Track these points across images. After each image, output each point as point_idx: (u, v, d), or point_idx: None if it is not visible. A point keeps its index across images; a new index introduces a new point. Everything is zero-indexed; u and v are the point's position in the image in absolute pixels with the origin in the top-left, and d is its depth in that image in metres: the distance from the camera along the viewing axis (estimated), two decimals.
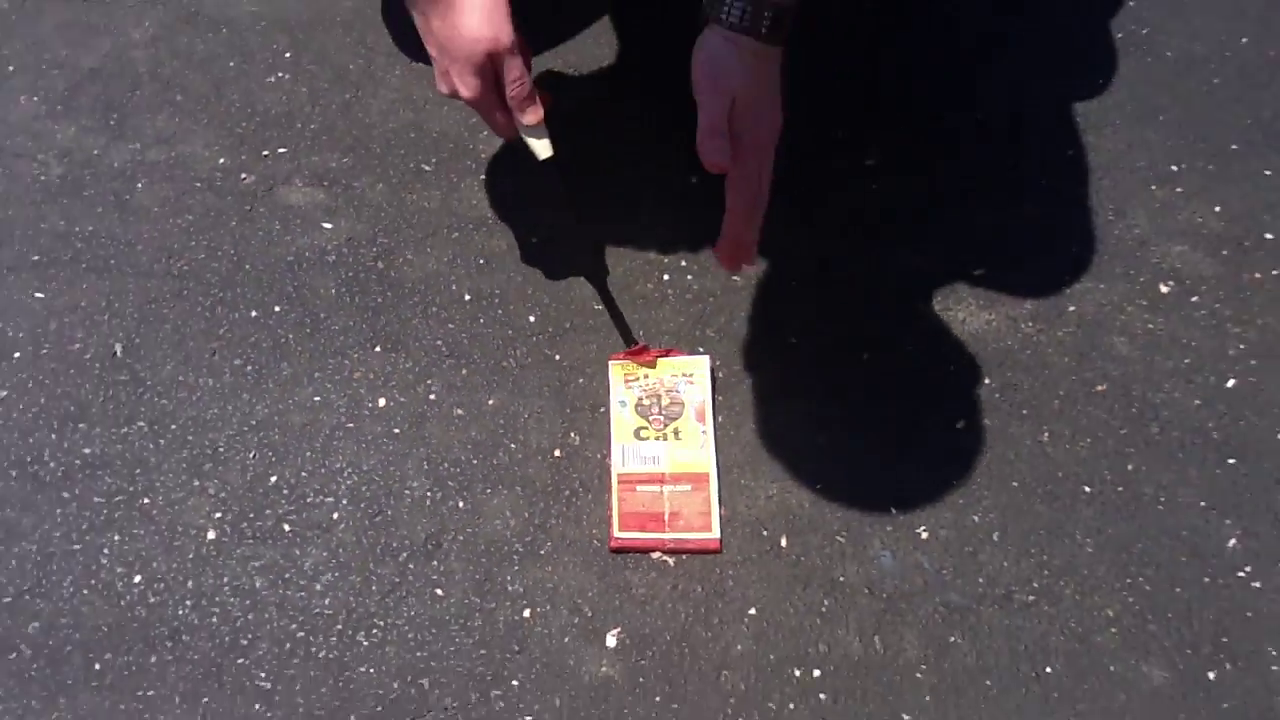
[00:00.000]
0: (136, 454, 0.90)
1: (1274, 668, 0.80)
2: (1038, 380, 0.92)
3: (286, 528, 0.87)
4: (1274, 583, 0.83)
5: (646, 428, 0.90)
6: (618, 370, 0.93)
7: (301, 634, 0.83)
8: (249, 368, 0.94)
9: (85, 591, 0.85)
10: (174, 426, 0.92)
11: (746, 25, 0.73)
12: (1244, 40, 1.10)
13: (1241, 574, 0.83)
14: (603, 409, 0.92)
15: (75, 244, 1.01)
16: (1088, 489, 0.87)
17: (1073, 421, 0.90)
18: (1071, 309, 0.95)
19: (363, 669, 0.82)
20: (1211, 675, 0.80)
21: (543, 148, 0.84)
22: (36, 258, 1.00)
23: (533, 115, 0.83)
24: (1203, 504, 0.86)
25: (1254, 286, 0.96)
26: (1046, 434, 0.89)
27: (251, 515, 0.88)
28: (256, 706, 0.81)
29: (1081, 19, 1.12)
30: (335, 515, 0.88)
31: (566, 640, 0.83)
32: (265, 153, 1.06)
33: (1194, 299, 0.95)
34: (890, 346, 0.94)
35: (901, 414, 0.90)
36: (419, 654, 0.83)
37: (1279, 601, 0.82)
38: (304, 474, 0.90)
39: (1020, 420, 0.90)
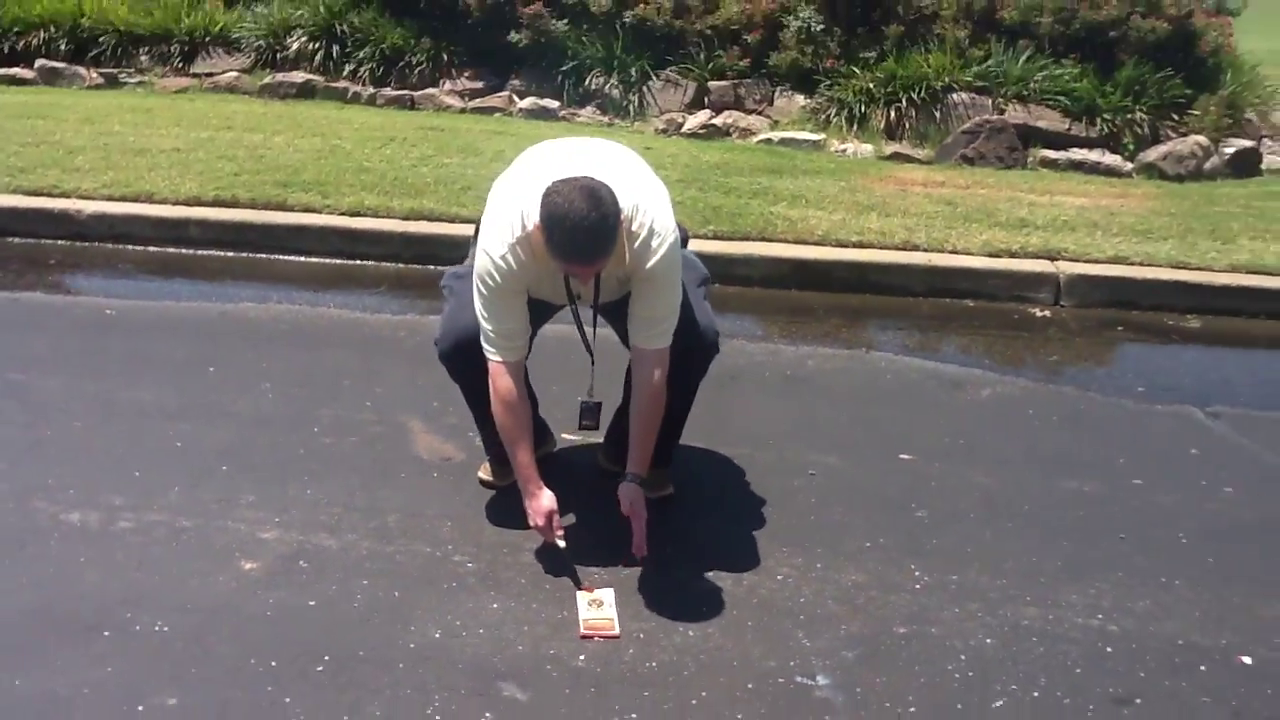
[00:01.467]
0: None
1: None
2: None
3: None
4: None
5: (589, 606, 2.49)
6: (581, 595, 2.54)
7: None
8: None
9: None
10: None
11: (639, 480, 2.58)
12: None
13: None
14: (574, 604, 2.50)
15: None
16: None
17: None
18: None
19: None
20: None
21: (562, 545, 2.59)
22: None
23: (560, 536, 2.60)
24: None
25: None
26: None
27: None
28: None
29: None
30: None
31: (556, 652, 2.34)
32: None
33: None
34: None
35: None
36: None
37: None
38: None
39: None
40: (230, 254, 4.78)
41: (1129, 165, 6.33)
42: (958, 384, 3.89)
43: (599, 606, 2.49)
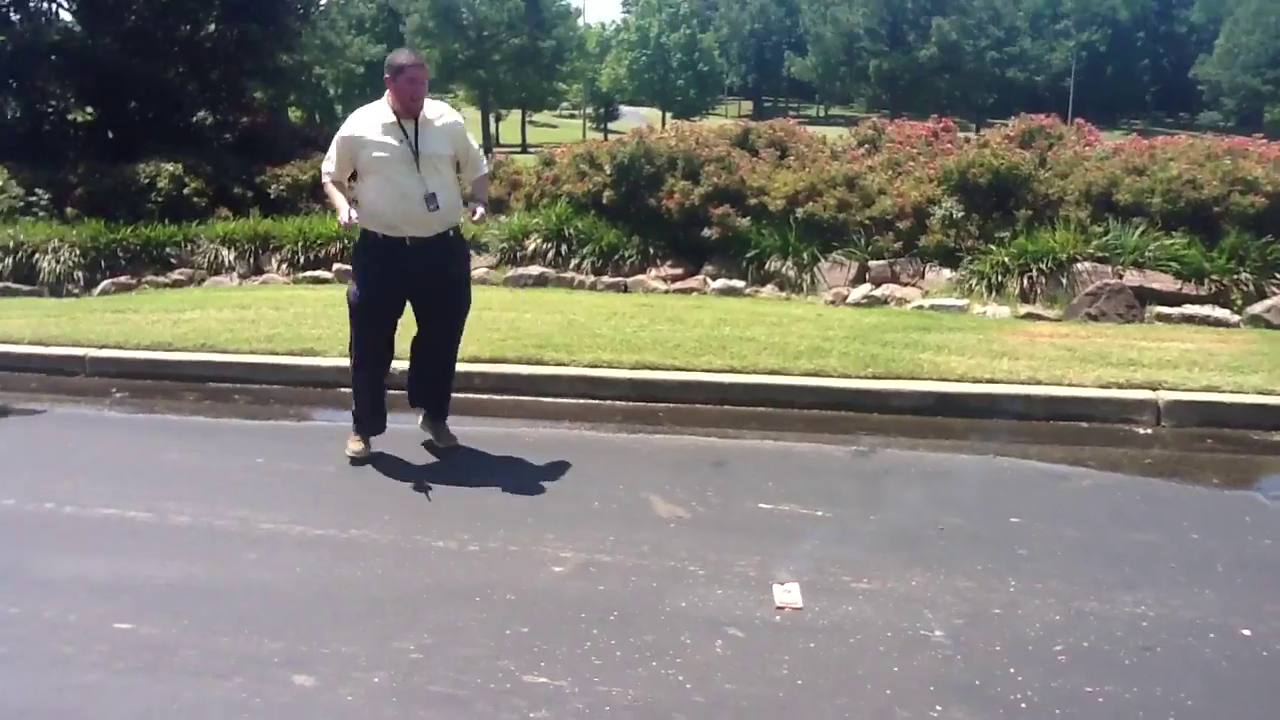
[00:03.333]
0: None
1: None
2: None
3: None
4: None
5: (782, 591, 3.76)
6: (776, 586, 3.81)
7: None
8: None
9: None
10: None
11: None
12: None
13: None
14: (772, 592, 3.77)
15: None
16: None
17: None
18: None
19: None
20: None
21: (348, 220, 4.92)
22: None
23: (349, 224, 4.93)
24: None
25: None
26: None
27: None
28: None
29: None
30: None
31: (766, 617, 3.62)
32: None
33: None
34: None
35: None
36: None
37: None
38: None
39: None
40: (503, 397, 6.38)
41: (1237, 318, 7.37)
42: (1064, 477, 5.03)
43: (789, 593, 3.77)
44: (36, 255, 10.08)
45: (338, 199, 5.05)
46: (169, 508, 4.61)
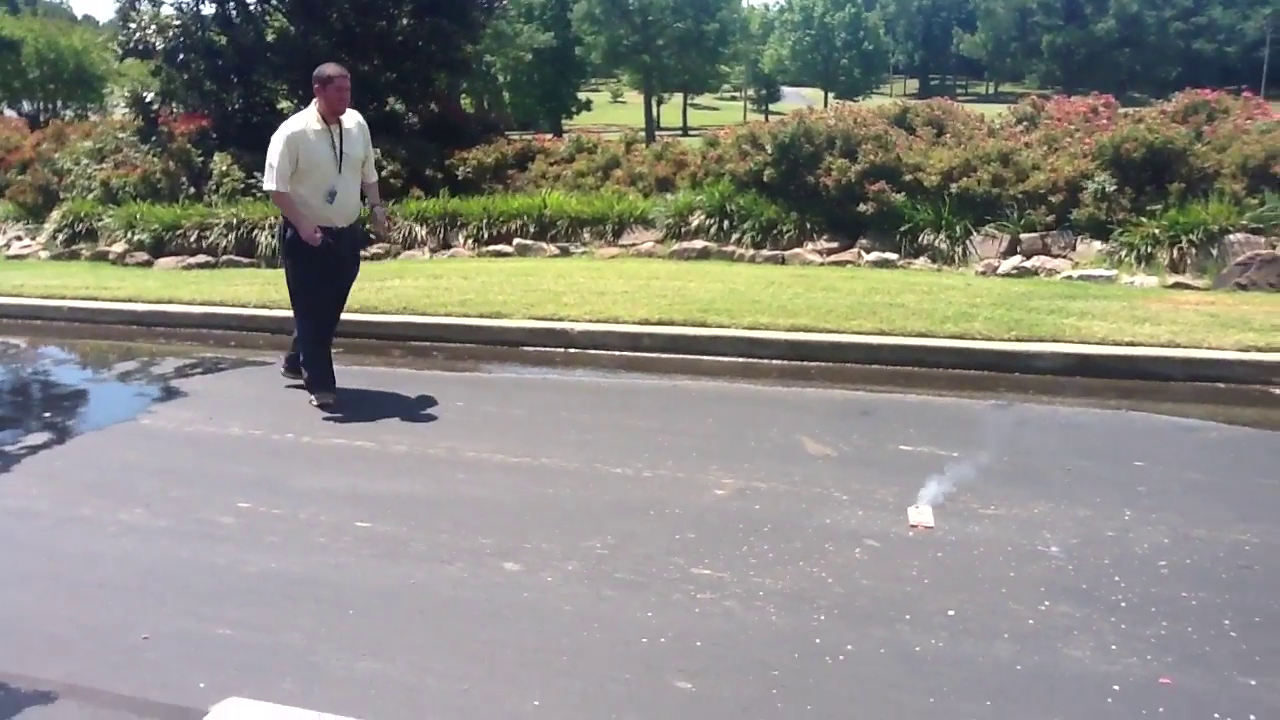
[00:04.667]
0: None
1: None
2: None
3: None
4: None
5: (916, 513, 4.30)
6: (910, 509, 4.35)
7: None
8: None
9: None
10: None
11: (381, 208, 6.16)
12: None
13: None
14: (908, 514, 4.32)
15: None
16: None
17: None
18: None
19: None
20: None
21: (318, 239, 5.79)
22: None
23: (321, 240, 5.77)
24: None
25: None
26: None
27: None
28: None
29: None
30: None
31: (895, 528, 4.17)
32: None
33: None
34: None
35: None
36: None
37: None
38: None
39: None
40: (670, 355, 7.05)
41: None
42: (1193, 429, 5.37)
43: (922, 514, 4.30)
44: (255, 231, 11.31)
45: (300, 216, 5.70)
46: (388, 439, 5.45)
